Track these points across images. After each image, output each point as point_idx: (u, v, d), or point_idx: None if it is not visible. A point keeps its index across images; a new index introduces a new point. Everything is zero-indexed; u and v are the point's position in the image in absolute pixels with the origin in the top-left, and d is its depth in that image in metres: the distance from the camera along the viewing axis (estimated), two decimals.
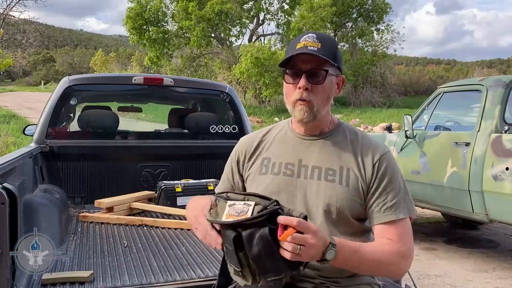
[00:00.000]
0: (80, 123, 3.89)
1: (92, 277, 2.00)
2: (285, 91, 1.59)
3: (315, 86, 1.52)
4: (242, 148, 1.73)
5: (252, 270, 1.26)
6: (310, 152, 1.60)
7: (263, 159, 1.66)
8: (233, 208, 1.29)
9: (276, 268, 1.24)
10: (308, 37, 1.53)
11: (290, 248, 1.20)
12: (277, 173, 1.60)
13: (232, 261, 1.30)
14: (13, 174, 2.27)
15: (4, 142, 10.78)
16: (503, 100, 4.55)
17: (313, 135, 1.62)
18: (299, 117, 1.54)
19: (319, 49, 1.49)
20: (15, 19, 24.87)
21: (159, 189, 3.50)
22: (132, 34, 27.40)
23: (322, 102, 1.54)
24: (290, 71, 1.55)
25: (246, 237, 1.22)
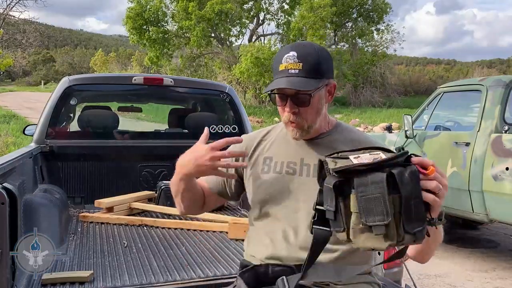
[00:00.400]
0: (80, 123, 3.89)
1: (92, 277, 2.01)
2: (278, 108, 1.61)
3: (302, 108, 1.53)
4: (242, 147, 1.71)
5: (396, 221, 1.12)
6: (311, 151, 1.60)
7: (264, 158, 1.66)
8: (361, 158, 1.19)
9: (421, 215, 1.13)
10: (289, 58, 1.51)
11: (434, 185, 1.15)
12: (279, 172, 1.60)
13: (378, 212, 1.12)
14: (13, 174, 2.26)
15: (4, 142, 10.78)
16: (503, 100, 4.56)
17: (312, 137, 1.63)
18: (293, 136, 1.58)
19: (300, 70, 1.49)
20: (15, 19, 24.88)
21: (159, 189, 3.50)
22: (132, 34, 27.41)
23: (313, 118, 1.56)
24: (276, 95, 1.57)
25: (399, 175, 1.11)
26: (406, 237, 1.12)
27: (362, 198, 1.13)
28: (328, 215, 1.21)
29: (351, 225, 1.16)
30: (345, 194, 1.17)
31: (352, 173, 1.16)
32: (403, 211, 1.11)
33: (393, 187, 1.11)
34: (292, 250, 1.51)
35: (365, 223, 1.13)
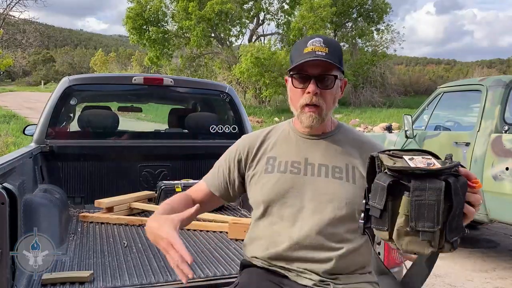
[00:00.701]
0: (80, 123, 3.89)
1: (92, 277, 2.01)
2: (291, 94, 1.60)
3: (324, 91, 1.53)
4: (244, 147, 1.71)
5: (441, 229, 1.13)
6: (315, 150, 1.61)
7: (268, 158, 1.64)
8: (415, 161, 1.19)
9: (460, 225, 1.15)
10: (315, 42, 1.53)
11: (477, 199, 1.16)
12: (284, 171, 1.59)
13: (429, 218, 1.12)
14: (13, 174, 2.26)
15: (4, 142, 10.77)
16: (503, 100, 4.56)
17: (316, 135, 1.63)
18: (308, 124, 1.55)
19: (327, 54, 1.50)
20: (15, 19, 24.85)
21: (159, 189, 3.50)
22: (132, 34, 27.41)
23: (330, 106, 1.56)
24: (298, 76, 1.55)
25: (454, 185, 1.12)
26: (445, 245, 1.15)
27: (416, 202, 1.12)
28: (373, 213, 1.20)
29: (397, 227, 1.16)
30: (395, 194, 1.16)
31: (409, 175, 1.14)
32: (449, 221, 1.12)
33: (446, 196, 1.11)
34: (296, 250, 1.50)
35: (414, 227, 1.13)
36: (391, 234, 1.18)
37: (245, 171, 1.69)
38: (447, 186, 1.11)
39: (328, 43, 1.54)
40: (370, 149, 1.56)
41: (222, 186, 1.73)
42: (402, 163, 1.19)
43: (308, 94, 1.52)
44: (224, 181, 1.72)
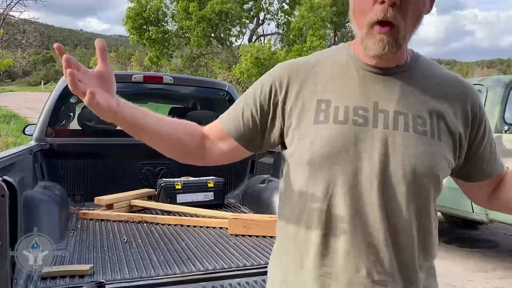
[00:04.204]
0: (80, 121, 3.90)
1: (92, 271, 2.01)
2: (356, 4, 1.08)
3: (406, 2, 1.01)
4: (282, 80, 1.16)
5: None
6: (388, 92, 1.11)
7: (318, 102, 1.12)
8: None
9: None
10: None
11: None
12: (344, 122, 1.08)
13: None
14: (13, 169, 2.27)
15: (4, 142, 10.78)
16: (503, 100, 4.56)
17: (387, 68, 1.12)
18: (376, 52, 1.05)
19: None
20: (15, 19, 24.89)
21: (159, 186, 3.51)
22: (132, 34, 27.42)
23: (411, 25, 1.05)
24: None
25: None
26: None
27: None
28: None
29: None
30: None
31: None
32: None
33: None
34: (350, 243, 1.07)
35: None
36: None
37: (282, 117, 1.16)
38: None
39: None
40: (459, 89, 1.16)
41: (243, 129, 1.19)
42: None
43: (382, 4, 1.00)
44: (247, 123, 1.19)
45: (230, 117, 1.22)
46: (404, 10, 1.01)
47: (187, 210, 3.21)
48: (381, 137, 1.06)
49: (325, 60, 1.18)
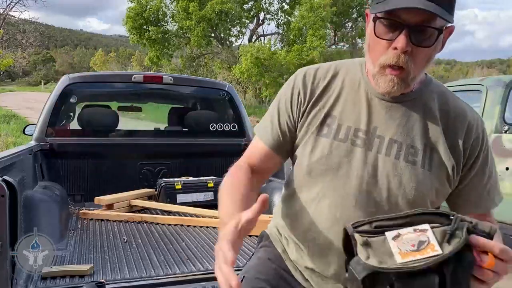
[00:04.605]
0: (80, 121, 3.90)
1: (92, 271, 2.02)
2: (371, 42, 1.15)
3: (417, 49, 1.08)
4: (307, 89, 1.27)
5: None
6: (389, 119, 1.20)
7: (325, 116, 1.23)
8: (402, 242, 0.90)
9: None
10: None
11: (487, 277, 0.90)
12: (343, 140, 1.20)
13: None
14: (13, 169, 2.28)
15: (4, 142, 10.78)
16: (503, 100, 4.55)
17: (392, 96, 1.20)
18: (385, 90, 1.14)
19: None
20: (15, 19, 24.90)
21: (159, 186, 3.51)
22: (132, 34, 27.43)
23: (421, 68, 1.13)
24: (386, 22, 1.08)
25: (452, 277, 0.87)
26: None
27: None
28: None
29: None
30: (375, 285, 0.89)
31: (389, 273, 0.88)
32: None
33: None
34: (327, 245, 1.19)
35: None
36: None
37: (298, 119, 1.28)
38: (442, 279, 0.86)
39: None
40: (460, 124, 1.21)
41: (283, 142, 1.30)
42: (380, 244, 0.91)
43: (395, 50, 1.08)
44: (284, 135, 1.30)
45: (268, 133, 1.31)
46: (415, 56, 1.08)
47: (187, 210, 3.22)
48: (373, 160, 1.17)
49: (342, 75, 1.27)
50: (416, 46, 1.07)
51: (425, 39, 1.08)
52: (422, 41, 1.07)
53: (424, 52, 1.09)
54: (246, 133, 4.03)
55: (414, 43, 1.07)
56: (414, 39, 1.07)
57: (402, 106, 1.20)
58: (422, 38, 1.07)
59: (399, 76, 1.10)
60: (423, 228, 0.91)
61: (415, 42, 1.07)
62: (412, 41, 1.07)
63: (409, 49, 1.07)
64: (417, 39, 1.07)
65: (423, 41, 1.07)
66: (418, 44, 1.07)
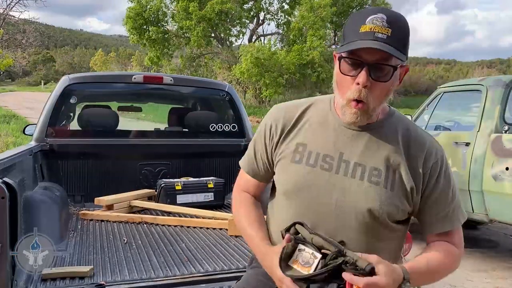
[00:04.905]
0: (80, 121, 3.90)
1: (92, 272, 2.01)
2: (338, 79, 1.34)
3: (376, 84, 1.27)
4: (278, 123, 1.48)
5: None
6: (354, 145, 1.38)
7: (297, 145, 1.42)
8: (301, 255, 1.26)
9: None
10: (377, 20, 1.24)
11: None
12: (313, 165, 1.38)
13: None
14: (13, 170, 2.27)
15: (4, 142, 10.78)
16: (503, 100, 4.55)
17: (359, 125, 1.38)
18: (350, 121, 1.33)
19: (389, 37, 1.23)
20: (15, 19, 24.88)
21: (159, 187, 3.50)
22: (132, 34, 27.41)
23: (380, 101, 1.32)
24: (349, 60, 1.27)
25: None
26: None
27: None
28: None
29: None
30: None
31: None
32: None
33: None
34: None
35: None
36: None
37: (274, 152, 1.49)
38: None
39: (392, 22, 1.24)
40: (420, 151, 1.38)
41: (263, 171, 1.55)
42: (292, 251, 1.28)
43: (357, 86, 1.26)
44: (262, 167, 1.54)
45: (250, 166, 1.58)
46: (374, 90, 1.27)
47: (187, 211, 3.21)
48: (340, 182, 1.35)
49: (312, 109, 1.48)
50: (375, 81, 1.26)
51: (383, 75, 1.27)
52: (380, 77, 1.27)
53: (381, 86, 1.28)
54: (246, 133, 4.02)
55: (373, 78, 1.26)
56: (373, 75, 1.26)
57: (367, 133, 1.38)
58: (380, 75, 1.26)
59: (361, 109, 1.29)
60: (317, 255, 1.23)
61: (374, 77, 1.26)
62: (372, 77, 1.25)
63: (369, 84, 1.26)
64: (375, 75, 1.26)
65: (380, 77, 1.27)
66: (376, 79, 1.26)
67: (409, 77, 37.95)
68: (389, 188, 1.34)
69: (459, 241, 1.44)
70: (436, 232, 1.42)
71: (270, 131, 1.49)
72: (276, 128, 1.47)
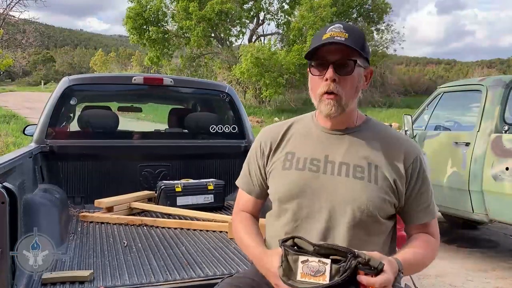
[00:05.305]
0: (80, 123, 3.89)
1: (92, 277, 2.01)
2: (311, 84, 1.52)
3: (343, 78, 1.45)
4: (267, 140, 1.65)
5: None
6: (337, 147, 1.53)
7: (286, 154, 1.58)
8: (307, 266, 1.23)
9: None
10: (335, 28, 1.46)
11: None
12: (302, 169, 1.52)
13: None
14: (13, 173, 2.27)
15: (4, 142, 10.77)
16: (503, 100, 4.55)
17: (339, 130, 1.56)
18: (326, 112, 1.47)
19: (347, 39, 1.43)
20: (15, 19, 24.85)
21: (159, 189, 3.50)
22: (132, 34, 27.39)
23: (351, 95, 1.48)
24: (316, 63, 1.48)
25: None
26: None
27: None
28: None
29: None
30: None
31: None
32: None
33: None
34: None
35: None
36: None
37: (267, 166, 1.63)
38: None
39: (349, 29, 1.46)
40: (398, 149, 1.52)
41: (259, 188, 1.68)
42: (294, 264, 1.26)
43: (326, 81, 1.45)
44: (258, 185, 1.68)
45: (246, 184, 1.70)
46: (343, 84, 1.45)
47: (187, 213, 3.21)
48: (329, 181, 1.48)
49: (296, 124, 1.65)
50: (341, 76, 1.45)
51: (347, 70, 1.45)
52: (345, 72, 1.45)
53: (348, 80, 1.46)
54: (246, 135, 4.02)
55: (338, 73, 1.44)
56: (339, 72, 1.44)
57: (348, 136, 1.54)
58: (344, 70, 1.45)
59: (334, 99, 1.45)
60: (325, 261, 1.23)
61: (339, 73, 1.45)
62: (338, 73, 1.44)
63: (336, 78, 1.44)
64: (341, 71, 1.45)
65: (345, 72, 1.45)
66: (342, 74, 1.45)
67: (409, 77, 37.96)
68: (374, 182, 1.47)
69: (436, 230, 1.58)
70: (417, 223, 1.55)
71: (261, 149, 1.65)
72: (265, 145, 1.64)
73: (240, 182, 1.74)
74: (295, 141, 1.60)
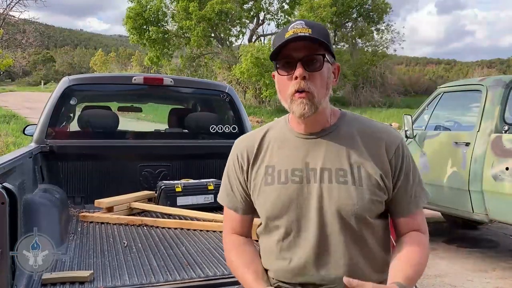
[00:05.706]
0: (80, 123, 3.89)
1: (92, 277, 2.00)
2: (279, 86, 1.44)
3: (312, 74, 1.37)
4: (243, 152, 1.56)
5: None
6: (316, 152, 1.45)
7: (266, 168, 1.49)
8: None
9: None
10: (297, 25, 1.39)
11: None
12: (285, 182, 1.44)
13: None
14: (13, 174, 2.26)
15: (4, 142, 10.77)
16: (503, 100, 4.55)
17: (314, 132, 1.47)
18: (300, 112, 1.38)
19: (311, 34, 1.36)
20: (15, 19, 24.85)
21: (159, 189, 3.50)
22: (132, 34, 27.42)
23: (322, 92, 1.40)
24: (283, 62, 1.40)
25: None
26: None
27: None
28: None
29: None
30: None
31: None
32: None
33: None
34: (304, 268, 1.43)
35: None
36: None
37: (248, 181, 1.55)
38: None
39: (311, 24, 1.40)
40: (378, 142, 1.45)
41: (241, 206, 1.59)
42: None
43: (296, 79, 1.37)
44: (242, 200, 1.58)
45: (229, 199, 1.59)
46: (313, 80, 1.37)
47: (187, 213, 3.21)
48: (314, 190, 1.41)
49: (270, 132, 1.56)
50: (310, 72, 1.37)
51: (316, 66, 1.38)
52: (313, 68, 1.38)
53: (318, 76, 1.38)
54: None
55: (308, 70, 1.37)
56: (307, 68, 1.37)
57: (324, 139, 1.46)
58: (313, 66, 1.38)
59: (306, 97, 1.36)
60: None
61: (308, 69, 1.37)
62: (306, 69, 1.37)
63: (306, 75, 1.36)
64: (309, 67, 1.37)
65: (314, 67, 1.38)
66: (311, 70, 1.37)
67: (409, 77, 37.98)
68: (358, 184, 1.40)
69: (423, 222, 1.50)
70: (406, 216, 1.48)
71: (238, 162, 1.56)
72: (242, 158, 1.55)
73: (223, 200, 1.63)
74: (272, 152, 1.51)
